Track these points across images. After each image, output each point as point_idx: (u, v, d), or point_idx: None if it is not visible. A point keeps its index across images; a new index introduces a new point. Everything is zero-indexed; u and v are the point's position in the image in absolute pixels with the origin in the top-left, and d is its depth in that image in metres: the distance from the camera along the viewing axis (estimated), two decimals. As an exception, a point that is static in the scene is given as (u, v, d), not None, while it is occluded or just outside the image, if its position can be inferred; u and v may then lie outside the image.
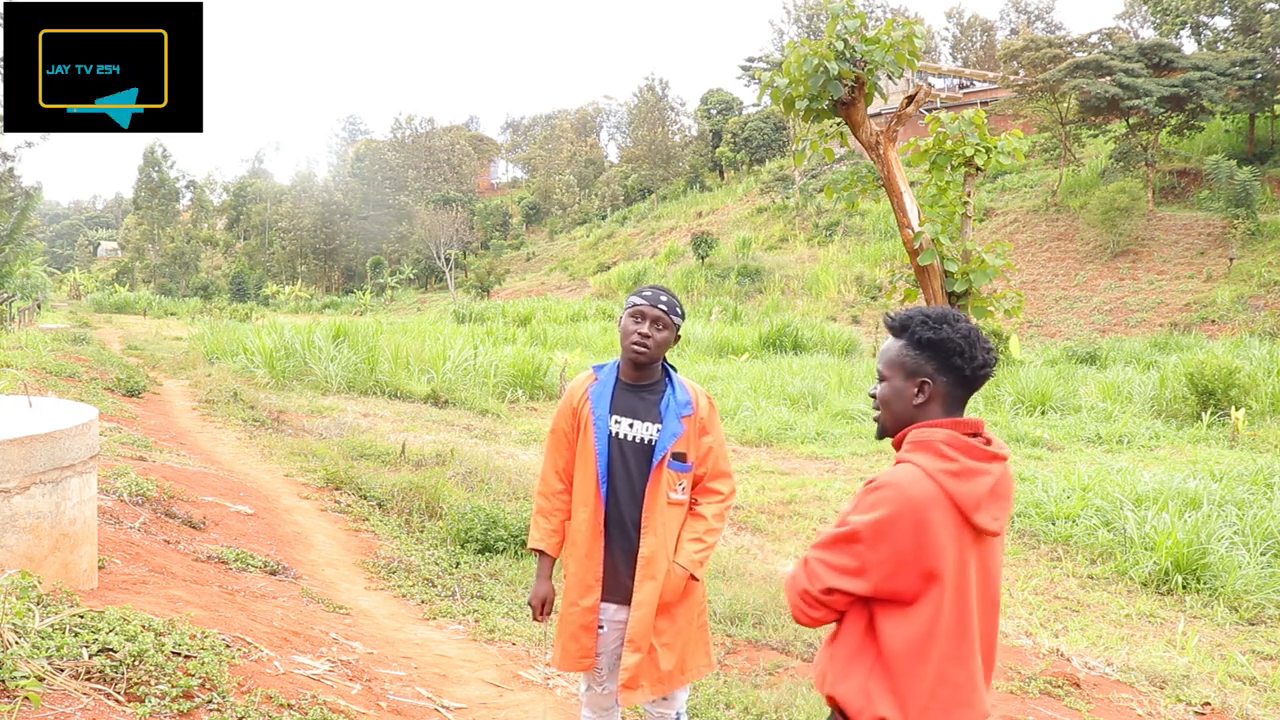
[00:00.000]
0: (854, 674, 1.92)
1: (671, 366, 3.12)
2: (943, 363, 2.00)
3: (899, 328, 2.05)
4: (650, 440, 2.98)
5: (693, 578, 3.01)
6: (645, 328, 2.96)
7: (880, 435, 2.13)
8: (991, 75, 48.17)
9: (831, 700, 1.96)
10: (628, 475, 2.98)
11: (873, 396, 2.12)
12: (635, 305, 2.99)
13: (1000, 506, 1.95)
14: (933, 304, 7.40)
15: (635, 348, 2.96)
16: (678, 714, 3.13)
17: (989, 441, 2.00)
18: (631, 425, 3.00)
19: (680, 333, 3.07)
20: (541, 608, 3.09)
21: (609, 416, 3.00)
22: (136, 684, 2.90)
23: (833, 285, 34.16)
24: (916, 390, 2.02)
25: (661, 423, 2.98)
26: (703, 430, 3.04)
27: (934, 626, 1.88)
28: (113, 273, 68.27)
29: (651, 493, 2.97)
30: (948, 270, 7.25)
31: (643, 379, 3.04)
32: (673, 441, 2.97)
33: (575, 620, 3.01)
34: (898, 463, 1.98)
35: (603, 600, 3.01)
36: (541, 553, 3.11)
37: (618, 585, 3.01)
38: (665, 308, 2.98)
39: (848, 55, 6.61)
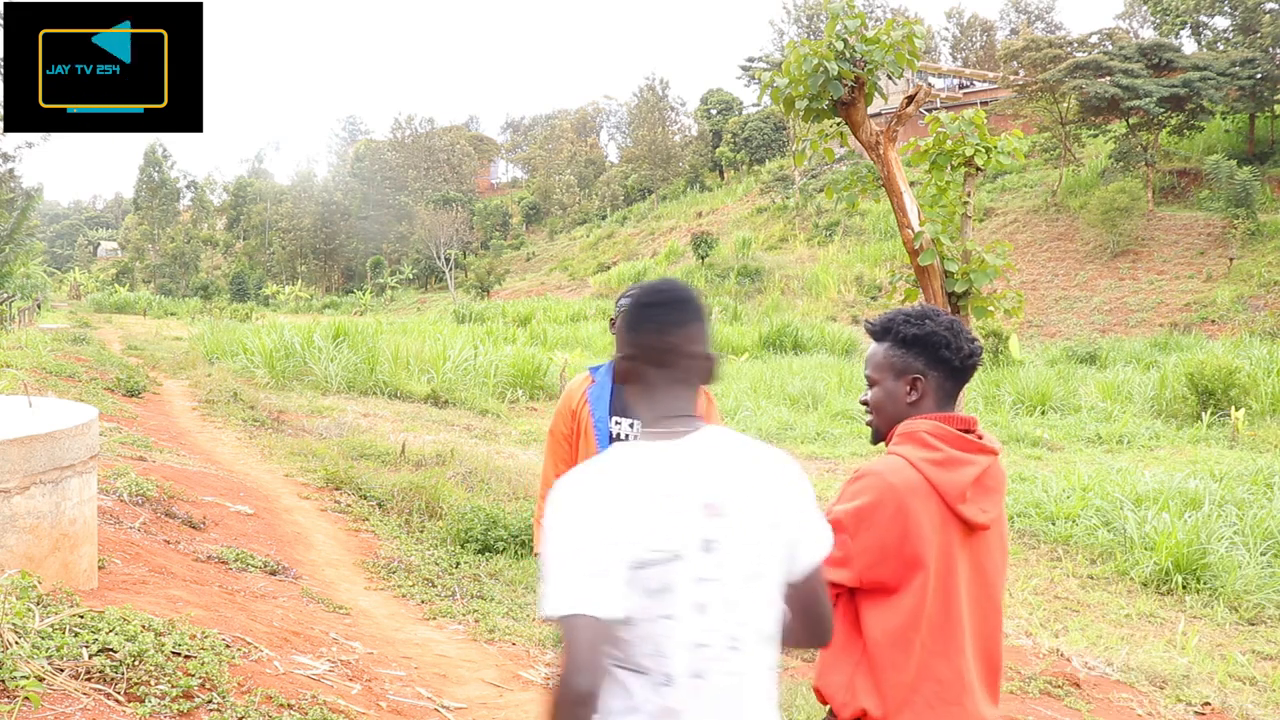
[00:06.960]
0: (841, 667, 1.90)
1: None
2: (931, 357, 1.99)
3: (881, 330, 2.06)
4: None
5: None
6: None
7: (875, 440, 2.13)
8: (991, 75, 48.15)
9: (818, 692, 1.95)
10: None
11: (864, 404, 2.11)
12: None
13: (989, 499, 1.93)
14: (932, 304, 7.40)
15: None
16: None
17: (980, 437, 1.98)
18: (632, 425, 3.00)
19: None
20: None
21: (609, 418, 2.99)
22: (136, 684, 2.90)
23: (833, 285, 34.15)
24: (909, 389, 2.01)
25: None
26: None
27: (917, 616, 1.84)
28: (113, 273, 68.19)
29: None
30: (948, 270, 7.23)
31: None
32: None
33: None
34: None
35: None
36: None
37: None
38: None
39: (848, 55, 6.58)
